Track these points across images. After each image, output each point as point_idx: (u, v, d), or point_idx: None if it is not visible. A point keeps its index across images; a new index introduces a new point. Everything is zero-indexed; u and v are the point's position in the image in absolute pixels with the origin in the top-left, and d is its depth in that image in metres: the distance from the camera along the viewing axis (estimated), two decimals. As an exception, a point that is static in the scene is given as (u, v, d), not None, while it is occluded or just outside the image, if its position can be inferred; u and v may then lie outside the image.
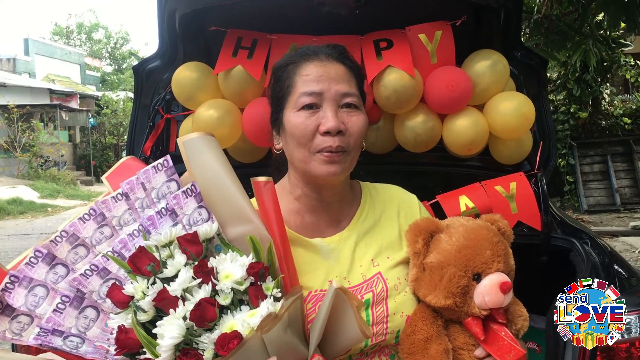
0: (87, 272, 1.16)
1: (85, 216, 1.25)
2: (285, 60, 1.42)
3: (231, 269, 1.08)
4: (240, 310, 1.06)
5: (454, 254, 1.33)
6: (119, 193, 1.26)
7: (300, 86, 1.33)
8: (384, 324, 1.32)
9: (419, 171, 2.58)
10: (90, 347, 1.11)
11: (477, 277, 1.32)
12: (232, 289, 1.07)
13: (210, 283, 1.07)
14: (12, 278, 1.16)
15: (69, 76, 29.86)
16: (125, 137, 21.49)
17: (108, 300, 1.13)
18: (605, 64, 10.18)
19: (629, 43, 6.10)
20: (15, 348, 1.60)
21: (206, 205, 1.21)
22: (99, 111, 23.75)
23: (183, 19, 2.16)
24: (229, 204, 1.22)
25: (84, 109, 22.81)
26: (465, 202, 2.10)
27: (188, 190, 1.21)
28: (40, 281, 1.18)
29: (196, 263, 1.11)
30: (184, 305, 1.04)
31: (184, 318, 1.02)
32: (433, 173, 2.63)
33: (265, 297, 1.08)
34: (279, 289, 1.12)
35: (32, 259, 1.19)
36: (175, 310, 1.03)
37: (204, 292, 1.05)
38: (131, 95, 24.32)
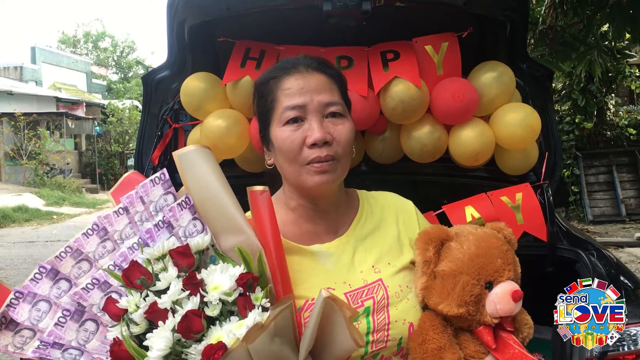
0: (88, 286, 1.19)
1: (89, 231, 1.28)
2: (266, 75, 1.42)
3: (220, 280, 1.09)
4: (230, 321, 1.07)
5: (467, 262, 1.34)
6: (120, 207, 1.29)
7: (283, 100, 1.33)
8: (385, 331, 1.32)
9: (425, 181, 2.59)
10: (88, 359, 1.13)
11: (489, 286, 1.33)
12: (221, 300, 1.08)
13: (198, 295, 1.08)
14: (17, 294, 1.19)
15: (76, 84, 30.03)
16: (131, 145, 21.63)
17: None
18: (610, 74, 10.18)
19: (634, 54, 6.13)
20: None
21: (200, 217, 1.23)
22: (104, 119, 23.86)
23: (192, 30, 2.18)
24: (222, 216, 1.23)
25: (90, 117, 22.92)
26: (471, 212, 2.11)
27: (182, 202, 1.23)
28: (44, 296, 1.20)
29: (185, 276, 1.12)
30: (173, 317, 1.06)
31: (173, 330, 1.04)
32: (439, 183, 2.63)
33: (254, 307, 1.09)
34: (268, 299, 1.12)
35: (36, 275, 1.22)
36: (164, 322, 1.05)
37: (192, 304, 1.06)
38: (137, 103, 24.50)
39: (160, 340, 1.02)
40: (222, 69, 2.20)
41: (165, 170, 1.31)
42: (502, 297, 1.30)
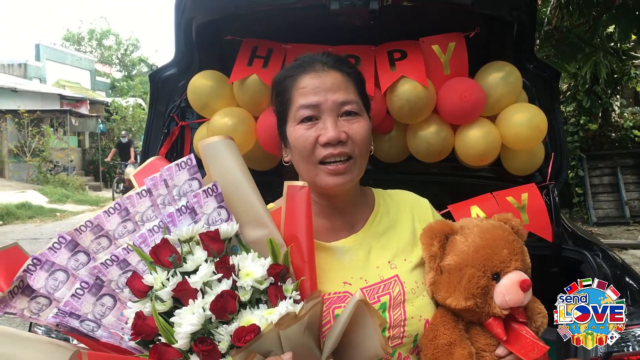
0: (107, 261, 1.18)
1: (110, 210, 1.28)
2: (283, 73, 1.42)
3: (252, 267, 1.11)
4: (258, 308, 1.08)
5: (472, 255, 1.32)
6: (143, 189, 1.28)
7: (298, 99, 1.33)
8: (401, 327, 1.31)
9: (430, 181, 2.59)
10: (106, 332, 1.13)
11: (497, 277, 1.31)
12: (252, 286, 1.09)
13: (230, 279, 1.09)
14: (34, 261, 1.18)
15: (79, 82, 30.06)
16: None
17: (126, 290, 1.15)
18: (615, 75, 10.13)
19: (639, 55, 6.10)
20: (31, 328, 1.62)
21: (226, 206, 1.22)
22: (108, 117, 23.89)
23: (200, 28, 2.19)
24: (246, 208, 1.23)
25: (94, 114, 22.95)
26: (476, 212, 2.10)
27: (209, 189, 1.22)
28: (62, 266, 1.19)
29: (217, 260, 1.13)
30: (202, 298, 1.07)
31: (204, 309, 1.05)
32: (445, 183, 2.63)
33: (285, 297, 1.10)
34: (298, 292, 1.14)
35: (55, 244, 1.21)
36: (194, 301, 1.06)
37: (226, 285, 1.08)
38: (140, 101, 24.48)
39: (192, 316, 1.03)
40: (229, 67, 2.20)
41: (192, 155, 1.28)
42: (510, 288, 1.29)
